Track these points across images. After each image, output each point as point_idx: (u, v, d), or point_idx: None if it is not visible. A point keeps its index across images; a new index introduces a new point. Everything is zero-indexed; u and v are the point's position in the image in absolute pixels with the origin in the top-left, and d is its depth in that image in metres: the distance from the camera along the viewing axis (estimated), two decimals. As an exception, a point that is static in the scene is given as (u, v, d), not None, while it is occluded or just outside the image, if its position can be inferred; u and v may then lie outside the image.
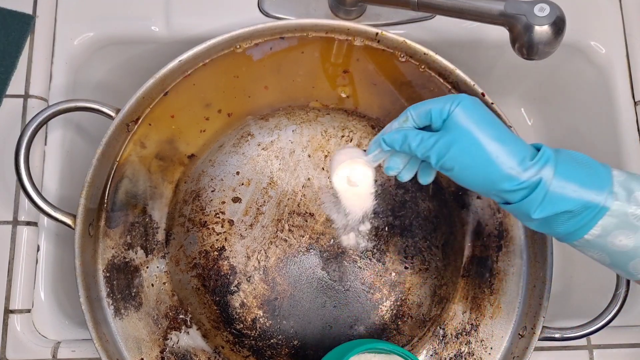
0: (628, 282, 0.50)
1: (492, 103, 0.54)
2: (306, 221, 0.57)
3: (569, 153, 0.39)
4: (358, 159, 0.45)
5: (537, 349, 0.54)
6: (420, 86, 0.57)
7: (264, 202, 0.57)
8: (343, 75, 0.59)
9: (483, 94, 0.54)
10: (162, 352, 0.53)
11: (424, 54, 0.55)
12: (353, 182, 0.46)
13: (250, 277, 0.55)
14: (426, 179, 0.45)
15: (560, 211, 0.37)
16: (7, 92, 0.58)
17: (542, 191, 0.37)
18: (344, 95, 0.59)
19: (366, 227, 0.55)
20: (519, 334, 0.53)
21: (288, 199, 0.57)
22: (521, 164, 0.37)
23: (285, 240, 0.56)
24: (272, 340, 0.55)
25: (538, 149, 0.39)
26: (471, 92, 0.55)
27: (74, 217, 0.50)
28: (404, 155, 0.43)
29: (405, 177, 0.45)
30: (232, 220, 0.56)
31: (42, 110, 0.51)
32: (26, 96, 0.58)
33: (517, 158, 0.37)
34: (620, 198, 0.37)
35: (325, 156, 0.58)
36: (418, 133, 0.40)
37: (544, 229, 0.39)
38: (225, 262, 0.56)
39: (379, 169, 0.48)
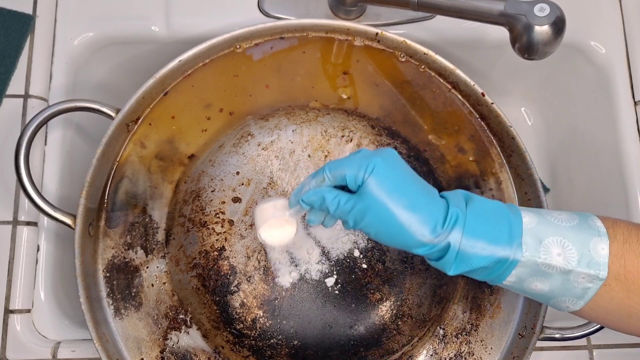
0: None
1: (492, 103, 0.54)
2: (306, 221, 0.57)
3: (480, 204, 0.40)
4: (281, 215, 0.46)
5: (537, 348, 0.54)
6: (421, 86, 0.58)
7: (264, 202, 0.57)
8: (343, 76, 0.59)
9: (483, 94, 0.55)
10: (162, 352, 0.53)
11: (424, 53, 0.55)
12: (277, 235, 0.48)
13: (250, 277, 0.55)
14: (349, 227, 0.45)
15: (473, 268, 0.39)
16: (7, 92, 0.58)
17: (453, 253, 0.39)
18: (344, 97, 0.59)
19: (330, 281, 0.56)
20: (519, 333, 0.53)
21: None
22: (433, 231, 0.38)
23: (285, 240, 0.56)
24: (272, 340, 0.55)
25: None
26: (471, 91, 0.55)
27: (74, 217, 0.50)
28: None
29: (329, 224, 0.46)
30: (232, 220, 0.56)
31: (42, 110, 0.51)
32: (26, 96, 0.58)
33: (430, 225, 0.38)
34: (529, 248, 0.38)
35: (326, 156, 0.58)
36: (335, 196, 0.41)
37: (467, 276, 0.41)
38: (225, 262, 0.56)
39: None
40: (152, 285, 0.55)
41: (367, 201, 0.39)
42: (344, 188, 0.42)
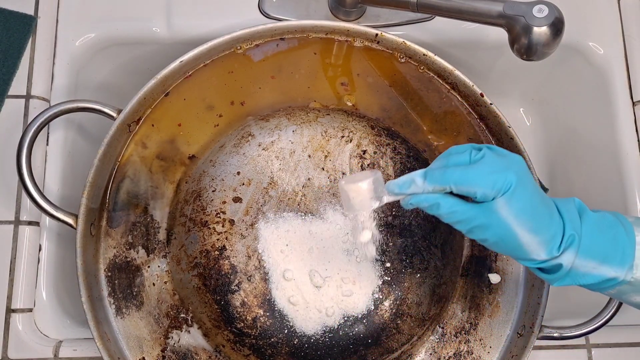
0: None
1: (490, 103, 0.55)
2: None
3: (595, 220, 0.39)
4: (373, 195, 0.42)
5: (536, 347, 0.54)
6: (420, 87, 0.58)
7: (265, 202, 0.57)
8: (344, 81, 0.59)
9: (482, 95, 0.55)
10: (163, 350, 0.53)
11: (423, 55, 0.55)
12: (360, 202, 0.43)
13: (250, 276, 0.56)
14: (458, 229, 0.43)
15: (580, 284, 0.40)
16: (10, 93, 0.58)
17: (564, 272, 0.39)
18: (349, 104, 0.60)
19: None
20: (518, 332, 0.54)
21: (288, 198, 0.57)
22: (549, 253, 0.38)
23: (286, 240, 0.57)
24: (272, 339, 0.55)
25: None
26: (470, 92, 0.55)
27: (76, 216, 0.51)
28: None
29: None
30: (233, 220, 0.57)
31: (44, 111, 0.51)
32: (28, 96, 0.59)
33: (548, 247, 0.38)
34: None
35: (326, 156, 0.59)
36: (452, 205, 0.39)
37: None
38: (226, 262, 0.56)
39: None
40: (154, 284, 0.55)
41: (491, 219, 0.38)
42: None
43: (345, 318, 0.56)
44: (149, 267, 0.56)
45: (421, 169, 0.40)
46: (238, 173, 0.58)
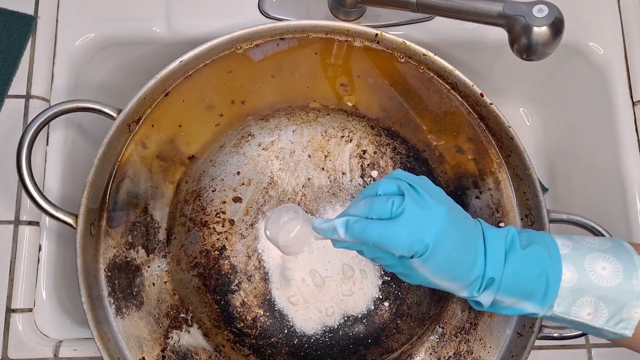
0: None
1: (490, 103, 0.55)
2: (306, 221, 0.57)
3: (520, 258, 0.39)
4: (301, 232, 0.44)
5: (536, 347, 0.54)
6: (420, 87, 0.58)
7: (265, 201, 0.57)
8: (344, 82, 0.59)
9: (482, 95, 0.55)
10: (163, 350, 0.53)
11: (423, 54, 0.55)
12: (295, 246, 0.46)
13: (250, 276, 0.56)
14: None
15: (498, 313, 0.42)
16: (9, 93, 0.58)
17: (484, 307, 0.41)
18: (349, 104, 0.60)
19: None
20: (518, 332, 0.54)
21: (288, 198, 0.57)
22: (469, 293, 0.40)
23: (286, 240, 0.56)
24: (272, 339, 0.55)
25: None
26: (470, 92, 0.55)
27: (76, 216, 0.51)
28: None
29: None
30: (233, 220, 0.57)
31: (44, 111, 0.51)
32: (28, 96, 0.59)
33: (467, 290, 0.40)
34: (561, 307, 0.39)
35: (325, 156, 0.59)
36: (374, 252, 0.41)
37: None
38: (226, 262, 0.56)
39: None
40: (154, 284, 0.55)
41: (410, 272, 0.40)
42: None
43: (345, 318, 0.56)
44: (149, 267, 0.56)
45: (343, 217, 0.41)
46: (238, 173, 0.58)
